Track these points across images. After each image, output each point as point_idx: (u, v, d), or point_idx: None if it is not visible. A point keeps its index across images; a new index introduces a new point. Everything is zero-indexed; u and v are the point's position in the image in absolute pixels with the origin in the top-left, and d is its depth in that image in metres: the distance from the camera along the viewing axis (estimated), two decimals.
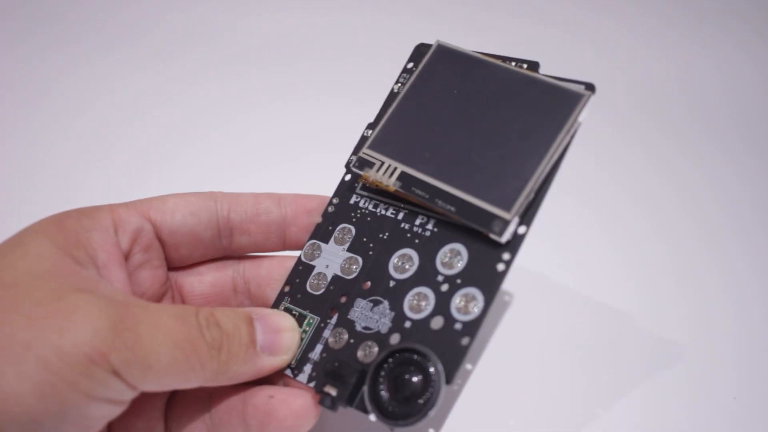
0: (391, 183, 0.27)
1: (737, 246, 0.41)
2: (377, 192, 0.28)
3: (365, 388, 0.24)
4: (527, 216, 0.25)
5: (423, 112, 0.28)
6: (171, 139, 0.46)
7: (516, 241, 0.25)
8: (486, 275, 0.25)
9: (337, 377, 0.25)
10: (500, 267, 0.25)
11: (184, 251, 0.28)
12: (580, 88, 0.26)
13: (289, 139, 0.47)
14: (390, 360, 0.25)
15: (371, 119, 0.31)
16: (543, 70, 0.28)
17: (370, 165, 0.28)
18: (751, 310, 0.37)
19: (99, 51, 0.53)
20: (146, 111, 0.48)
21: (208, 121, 0.48)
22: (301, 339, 0.27)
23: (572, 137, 0.25)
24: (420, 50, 0.30)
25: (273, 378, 0.26)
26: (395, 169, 0.27)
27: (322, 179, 0.44)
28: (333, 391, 0.25)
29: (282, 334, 0.26)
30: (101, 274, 0.25)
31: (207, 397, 0.26)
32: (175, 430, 0.26)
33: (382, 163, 0.27)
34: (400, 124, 0.28)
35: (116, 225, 0.26)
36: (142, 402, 0.25)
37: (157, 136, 0.46)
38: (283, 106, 0.50)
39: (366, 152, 0.28)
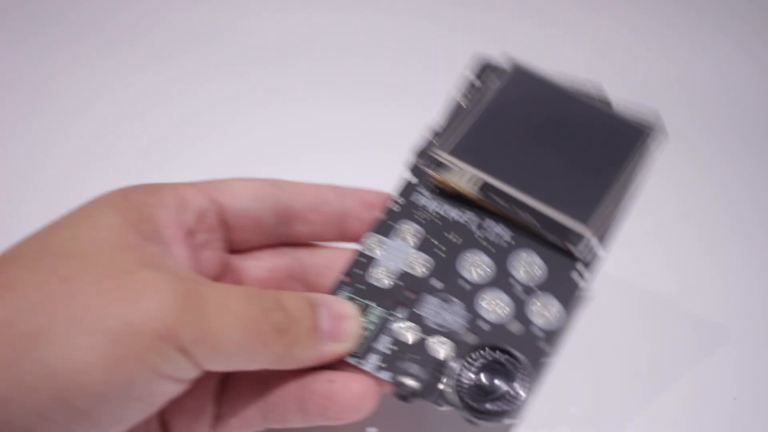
0: (472, 189, 0.27)
1: (737, 247, 0.41)
2: (448, 195, 0.29)
3: (448, 382, 0.24)
4: (605, 240, 0.26)
5: (502, 127, 0.29)
6: (171, 139, 0.46)
7: (594, 259, 0.26)
8: (565, 288, 0.26)
9: (415, 369, 0.25)
10: (579, 282, 0.26)
11: (245, 235, 0.28)
12: (655, 123, 0.28)
13: (289, 140, 0.47)
14: (476, 357, 0.25)
15: (371, 119, 0.31)
16: (542, 67, 0.28)
17: (448, 169, 0.28)
18: (751, 309, 0.37)
19: (99, 51, 0.53)
20: (146, 111, 0.48)
21: (209, 122, 0.48)
22: (365, 329, 0.26)
23: (648, 171, 0.28)
24: (483, 65, 0.31)
25: (332, 365, 0.26)
26: (476, 176, 0.28)
27: (322, 179, 0.44)
28: (412, 382, 0.25)
29: (345, 321, 0.26)
30: (166, 250, 0.25)
31: (262, 380, 0.26)
32: (226, 411, 0.26)
33: (461, 169, 0.28)
34: (480, 135, 0.28)
35: (182, 203, 0.26)
36: (196, 381, 0.25)
37: (157, 136, 0.46)
38: (283, 106, 0.50)
39: (445, 156, 0.28)
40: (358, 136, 0.47)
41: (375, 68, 0.54)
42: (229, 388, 0.27)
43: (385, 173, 0.45)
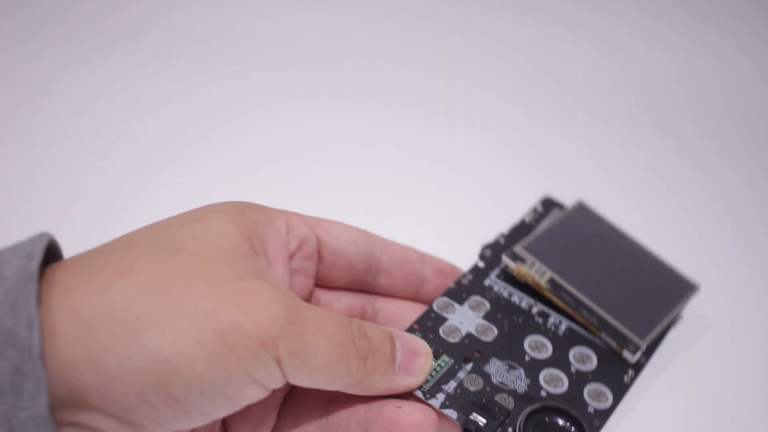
0: (540, 281, 0.32)
1: (737, 246, 0.41)
2: (515, 283, 0.33)
3: (514, 430, 0.27)
4: (649, 353, 0.31)
5: (568, 241, 0.34)
6: (171, 139, 0.46)
7: (638, 365, 0.31)
8: (614, 381, 0.30)
9: (485, 411, 0.27)
10: (626, 379, 0.30)
11: (335, 273, 0.30)
12: (694, 283, 0.34)
13: (289, 139, 0.47)
14: (544, 415, 0.28)
15: (371, 119, 0.31)
16: (542, 67, 0.28)
17: (523, 261, 0.32)
18: (752, 308, 0.37)
19: (99, 51, 0.53)
20: (146, 111, 0.48)
21: (208, 121, 0.48)
22: (436, 371, 0.29)
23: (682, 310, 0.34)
24: (546, 199, 0.38)
25: (400, 396, 0.27)
26: (546, 272, 0.32)
27: (321, 178, 0.44)
28: (481, 419, 0.27)
29: (418, 357, 0.27)
30: (270, 266, 0.27)
31: (326, 400, 0.27)
32: (286, 424, 0.27)
33: (534, 263, 0.32)
34: (550, 242, 0.34)
35: (289, 228, 0.28)
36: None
37: (157, 136, 0.46)
38: (283, 106, 0.50)
39: (520, 251, 0.33)
40: (358, 136, 0.47)
41: (375, 68, 0.54)
42: (292, 403, 0.28)
43: (382, 169, 0.45)
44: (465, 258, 0.35)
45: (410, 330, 0.30)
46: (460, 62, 0.55)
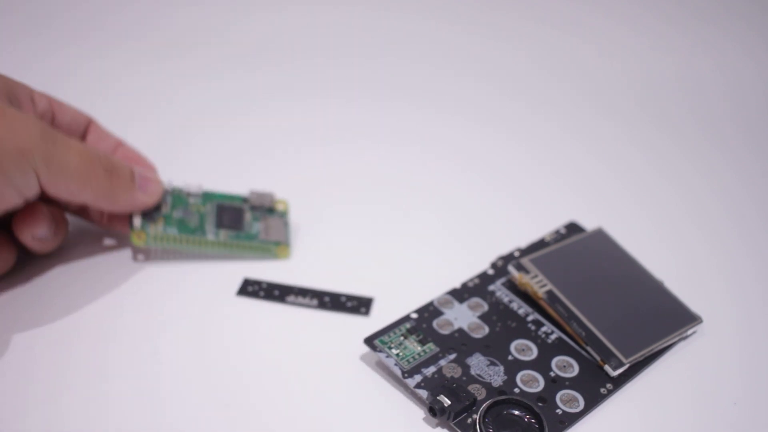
0: (540, 292, 0.33)
1: (738, 245, 0.41)
2: (517, 292, 0.35)
3: (476, 417, 0.29)
4: (630, 370, 0.32)
5: (577, 262, 0.36)
6: (171, 138, 0.46)
7: (618, 380, 0.32)
8: (590, 391, 0.31)
9: (453, 393, 0.29)
10: (603, 391, 0.31)
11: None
12: (696, 315, 0.35)
13: (288, 138, 0.47)
14: (505, 405, 0.29)
15: (372, 117, 0.31)
16: (542, 66, 0.28)
17: (526, 272, 0.34)
18: (752, 308, 0.37)
19: (99, 50, 0.53)
20: (146, 110, 0.48)
21: (208, 121, 0.48)
22: (420, 355, 0.31)
23: (679, 340, 0.34)
24: (571, 226, 0.39)
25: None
26: (546, 285, 0.34)
27: (320, 177, 0.44)
28: (446, 402, 0.29)
29: (151, 180, 0.35)
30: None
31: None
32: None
33: (536, 275, 0.34)
34: (559, 259, 0.35)
35: (32, 95, 0.34)
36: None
37: (157, 136, 0.46)
38: (283, 105, 0.50)
39: (526, 263, 0.34)
40: (358, 135, 0.47)
41: (375, 67, 0.54)
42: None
43: (380, 164, 0.45)
44: (477, 265, 0.36)
45: (406, 318, 0.33)
46: (457, 60, 0.55)
